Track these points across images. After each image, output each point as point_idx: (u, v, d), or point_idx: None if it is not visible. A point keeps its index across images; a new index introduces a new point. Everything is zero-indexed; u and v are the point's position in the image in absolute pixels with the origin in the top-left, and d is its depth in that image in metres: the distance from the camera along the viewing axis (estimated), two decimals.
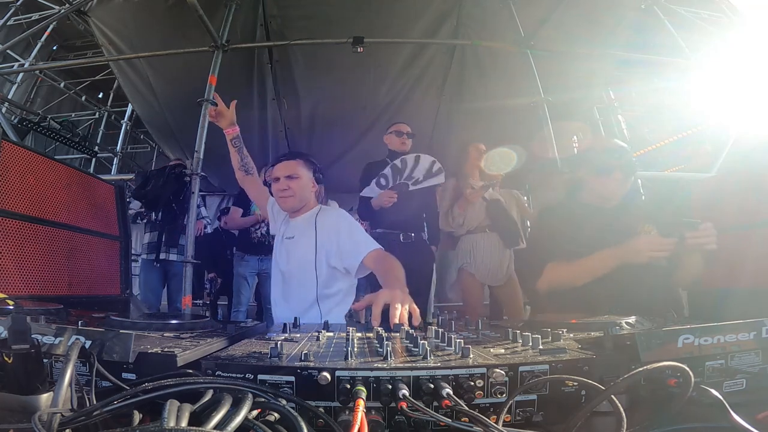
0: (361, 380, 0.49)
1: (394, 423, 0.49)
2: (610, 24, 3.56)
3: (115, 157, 6.21)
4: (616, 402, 0.43)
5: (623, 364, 0.56)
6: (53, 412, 0.37)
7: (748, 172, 1.73)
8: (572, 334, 0.77)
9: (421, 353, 0.55)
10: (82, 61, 4.94)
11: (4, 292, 1.34)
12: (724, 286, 1.56)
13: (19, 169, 1.54)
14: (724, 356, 0.57)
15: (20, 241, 1.50)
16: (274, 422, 0.41)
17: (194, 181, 2.88)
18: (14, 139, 2.87)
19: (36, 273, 1.55)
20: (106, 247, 1.99)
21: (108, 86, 6.63)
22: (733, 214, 1.62)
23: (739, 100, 3.41)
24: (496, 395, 0.50)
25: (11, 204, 1.48)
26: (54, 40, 5.74)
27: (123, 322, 0.85)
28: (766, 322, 0.59)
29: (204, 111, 2.93)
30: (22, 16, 4.63)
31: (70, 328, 0.59)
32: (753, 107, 3.28)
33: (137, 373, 0.55)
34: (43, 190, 1.65)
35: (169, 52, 3.36)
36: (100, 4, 3.59)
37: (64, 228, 1.73)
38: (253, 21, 3.58)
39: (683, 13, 3.72)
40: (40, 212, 1.61)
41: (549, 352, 0.58)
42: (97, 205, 1.99)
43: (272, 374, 0.50)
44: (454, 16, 3.62)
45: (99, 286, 1.90)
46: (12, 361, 0.42)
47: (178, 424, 0.34)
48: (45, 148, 5.21)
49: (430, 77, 4.05)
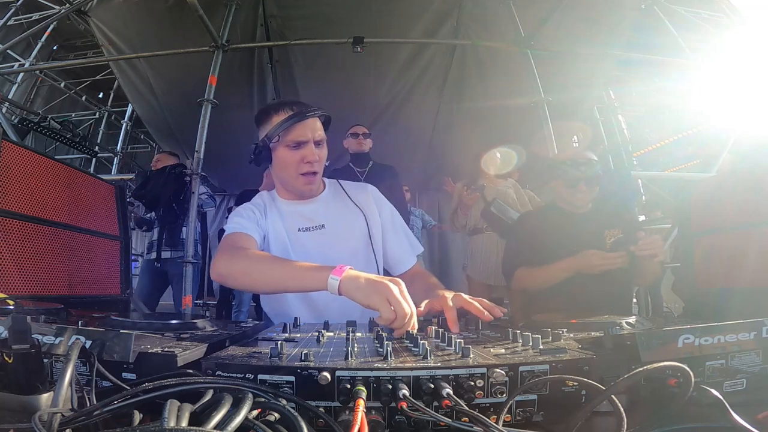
0: (361, 380, 0.49)
1: (394, 423, 0.49)
2: (610, 24, 3.57)
3: (115, 157, 6.22)
4: (616, 402, 0.43)
5: (623, 364, 0.56)
6: (53, 412, 0.37)
7: (748, 172, 1.73)
8: (572, 334, 0.77)
9: (421, 353, 0.55)
10: (82, 61, 4.95)
11: (4, 292, 1.34)
12: (724, 286, 1.57)
13: (19, 169, 1.54)
14: (724, 356, 0.57)
15: (20, 241, 1.50)
16: (274, 422, 0.41)
17: (194, 181, 2.88)
18: (14, 139, 2.88)
19: (36, 273, 1.55)
20: (106, 247, 1.99)
21: (108, 86, 6.63)
22: (733, 214, 1.62)
23: (739, 100, 3.41)
24: (496, 395, 0.50)
25: (11, 204, 1.48)
26: (54, 40, 5.75)
27: (123, 322, 0.85)
28: (766, 322, 0.59)
29: (204, 111, 2.94)
30: (22, 16, 4.64)
31: (70, 328, 0.59)
32: (753, 107, 3.28)
33: (137, 373, 0.55)
34: (44, 190, 1.65)
35: (169, 52, 3.36)
36: (100, 4, 3.59)
37: (64, 228, 1.72)
38: (253, 21, 3.59)
39: (683, 13, 3.73)
40: (41, 212, 1.61)
41: (549, 352, 0.58)
42: (97, 205, 1.98)
43: (272, 374, 0.50)
44: (454, 16, 3.62)
45: (99, 286, 1.90)
46: (12, 361, 0.42)
47: (179, 424, 0.34)
48: (45, 148, 5.21)
49: (430, 77, 4.05)
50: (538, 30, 3.25)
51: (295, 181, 1.17)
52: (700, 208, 1.83)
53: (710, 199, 1.81)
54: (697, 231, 1.81)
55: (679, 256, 2.21)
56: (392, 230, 1.29)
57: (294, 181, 1.18)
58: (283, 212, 1.23)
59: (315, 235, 1.21)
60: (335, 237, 1.21)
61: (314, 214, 1.22)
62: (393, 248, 1.28)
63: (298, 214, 1.22)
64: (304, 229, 1.21)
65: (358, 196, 1.28)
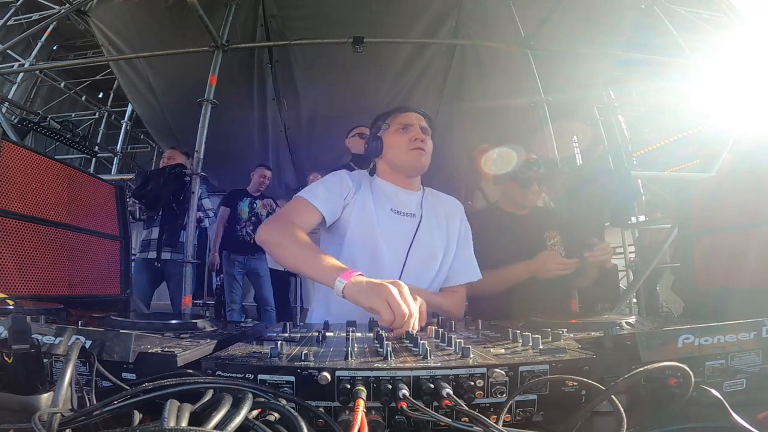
0: (361, 380, 0.49)
1: (394, 423, 0.49)
2: (610, 24, 3.56)
3: (115, 157, 6.22)
4: (616, 402, 0.43)
5: (623, 364, 0.56)
6: (53, 412, 0.37)
7: (748, 172, 1.73)
8: (572, 334, 0.77)
9: (421, 353, 0.55)
10: (82, 61, 4.94)
11: (4, 292, 1.33)
12: (724, 286, 1.56)
13: (19, 169, 1.53)
14: (724, 356, 0.57)
15: (20, 241, 1.50)
16: (274, 422, 0.41)
17: (194, 181, 2.88)
18: (14, 139, 2.88)
19: (36, 273, 1.54)
20: (106, 247, 1.99)
21: (108, 86, 6.63)
22: (733, 214, 1.62)
23: (739, 100, 3.40)
24: (496, 395, 0.50)
25: (11, 204, 1.48)
26: (54, 40, 5.74)
27: (123, 322, 0.85)
28: (766, 322, 0.59)
29: (204, 111, 2.94)
30: (22, 16, 4.63)
31: (70, 328, 0.59)
32: (753, 107, 3.28)
33: (137, 373, 0.55)
34: (43, 190, 1.65)
35: (169, 52, 3.36)
36: (100, 4, 3.59)
37: (64, 228, 1.72)
38: (253, 21, 3.58)
39: (683, 13, 3.72)
40: (40, 212, 1.61)
41: (549, 352, 0.58)
42: (97, 205, 1.98)
43: (272, 374, 0.50)
44: (454, 16, 3.62)
45: (99, 286, 1.89)
46: (12, 361, 0.42)
47: (178, 424, 0.34)
48: (45, 148, 5.21)
49: (430, 77, 4.05)
50: (538, 30, 3.24)
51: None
52: (700, 208, 1.83)
53: (710, 199, 1.81)
54: (697, 231, 1.81)
55: (679, 256, 2.21)
56: (464, 246, 1.35)
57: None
58: (379, 191, 1.31)
59: (405, 220, 1.27)
60: (420, 230, 1.26)
61: (409, 202, 1.31)
62: (458, 262, 1.32)
63: (394, 196, 1.30)
64: (397, 211, 1.28)
65: (448, 207, 1.38)
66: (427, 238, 1.26)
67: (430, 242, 1.26)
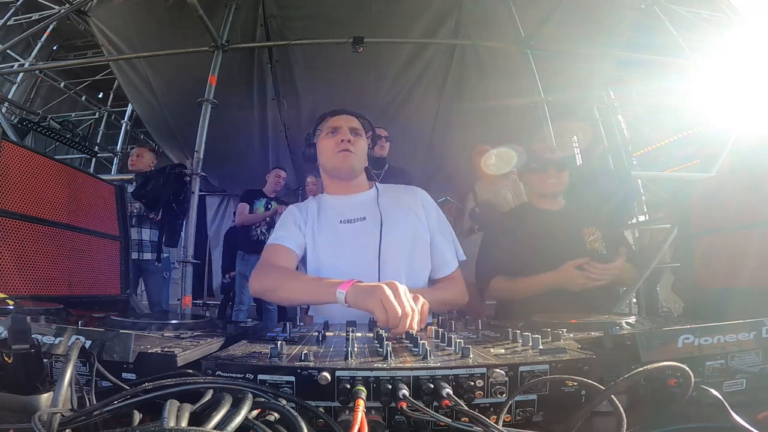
0: (361, 380, 0.49)
1: (394, 423, 0.49)
2: (610, 24, 3.56)
3: (115, 157, 6.22)
4: (616, 402, 0.43)
5: (623, 364, 0.56)
6: (53, 412, 0.37)
7: (748, 172, 1.72)
8: (572, 334, 0.77)
9: (421, 353, 0.55)
10: (82, 61, 4.94)
11: (4, 292, 1.34)
12: (724, 286, 1.56)
13: (19, 169, 1.53)
14: (724, 356, 0.57)
15: (20, 241, 1.50)
16: (274, 422, 0.41)
17: (194, 181, 2.88)
18: (14, 139, 2.88)
19: (36, 273, 1.54)
20: (106, 247, 1.99)
21: (108, 86, 6.63)
22: (733, 214, 1.62)
23: (739, 100, 3.40)
24: (496, 395, 0.50)
25: (11, 204, 1.48)
26: (54, 40, 5.74)
27: (123, 322, 0.85)
28: (766, 322, 0.59)
29: (204, 111, 2.93)
30: (22, 16, 4.63)
31: (70, 328, 0.59)
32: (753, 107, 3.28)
33: (137, 373, 0.55)
34: (43, 190, 1.65)
35: (169, 52, 3.36)
36: (100, 4, 3.59)
37: (64, 228, 1.72)
38: (253, 21, 3.58)
39: (683, 13, 3.72)
40: (40, 212, 1.61)
41: (549, 352, 0.58)
42: (97, 205, 1.98)
43: (272, 374, 0.50)
44: (454, 16, 3.62)
45: (99, 286, 1.89)
46: (12, 361, 0.42)
47: (178, 424, 0.34)
48: (45, 148, 5.21)
49: (430, 77, 4.05)
50: (538, 30, 3.24)
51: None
52: (700, 208, 1.83)
53: (710, 199, 1.80)
54: (697, 231, 1.81)
55: (679, 256, 2.20)
56: (440, 233, 1.32)
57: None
58: (327, 206, 1.33)
59: (358, 225, 1.27)
60: (385, 228, 1.24)
61: (358, 206, 1.31)
62: (440, 251, 1.30)
63: (339, 206, 1.32)
64: (347, 221, 1.28)
65: (409, 197, 1.35)
66: (395, 234, 1.24)
67: (402, 236, 1.25)
